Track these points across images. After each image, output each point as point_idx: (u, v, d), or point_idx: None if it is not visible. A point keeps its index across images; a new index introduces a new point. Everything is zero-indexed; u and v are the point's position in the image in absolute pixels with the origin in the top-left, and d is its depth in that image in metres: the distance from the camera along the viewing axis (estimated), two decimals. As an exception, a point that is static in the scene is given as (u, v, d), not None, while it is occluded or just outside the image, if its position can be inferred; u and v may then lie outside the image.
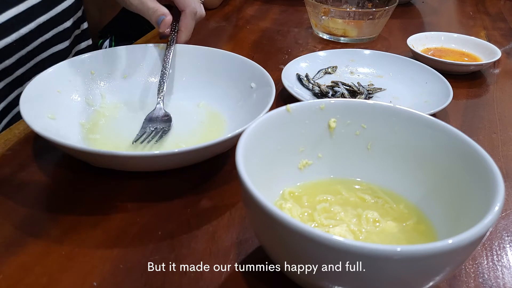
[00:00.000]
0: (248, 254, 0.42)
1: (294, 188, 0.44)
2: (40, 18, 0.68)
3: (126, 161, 0.48)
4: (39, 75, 0.58)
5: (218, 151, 0.52)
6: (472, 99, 0.74)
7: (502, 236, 0.46)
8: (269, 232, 0.34)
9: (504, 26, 1.07)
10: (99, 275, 0.40)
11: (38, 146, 0.55)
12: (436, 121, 0.41)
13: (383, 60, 0.77)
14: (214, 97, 0.64)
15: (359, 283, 0.31)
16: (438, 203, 0.41)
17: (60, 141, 0.47)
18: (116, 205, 0.48)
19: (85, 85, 0.62)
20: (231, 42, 0.94)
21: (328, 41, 0.93)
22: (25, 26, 0.66)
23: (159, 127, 0.58)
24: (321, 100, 0.44)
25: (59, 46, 0.74)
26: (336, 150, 0.45)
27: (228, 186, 0.51)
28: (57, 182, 0.51)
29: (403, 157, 0.44)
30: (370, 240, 0.39)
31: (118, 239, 0.44)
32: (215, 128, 0.60)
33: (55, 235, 0.44)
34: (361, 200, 0.43)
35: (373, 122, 0.44)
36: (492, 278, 0.41)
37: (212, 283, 0.39)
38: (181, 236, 0.44)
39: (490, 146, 0.61)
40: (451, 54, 0.86)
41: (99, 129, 0.58)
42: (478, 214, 0.32)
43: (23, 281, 0.39)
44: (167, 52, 0.66)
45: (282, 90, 0.68)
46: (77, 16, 0.77)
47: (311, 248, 0.30)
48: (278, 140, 0.43)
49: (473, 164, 0.37)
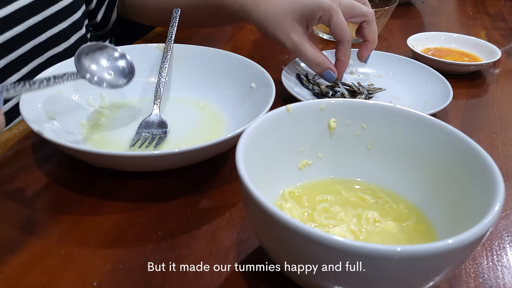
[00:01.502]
0: (248, 254, 0.42)
1: (294, 188, 0.44)
2: (30, 20, 0.65)
3: (126, 161, 0.48)
4: (39, 75, 0.58)
5: (218, 151, 0.52)
6: (472, 99, 0.74)
7: (502, 236, 0.46)
8: (269, 232, 0.34)
9: (504, 26, 1.07)
10: (99, 275, 0.40)
11: (38, 146, 0.55)
12: (436, 121, 0.41)
13: (383, 60, 0.77)
14: (214, 97, 0.64)
15: (359, 283, 0.31)
16: (438, 203, 0.41)
17: (60, 141, 0.47)
18: (116, 205, 0.48)
19: (85, 85, 0.62)
20: (231, 42, 0.94)
21: (328, 41, 0.93)
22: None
23: (155, 132, 0.57)
24: (321, 100, 0.44)
25: (56, 49, 0.71)
26: (336, 150, 0.45)
27: (228, 186, 0.51)
28: (57, 182, 0.50)
29: (403, 157, 0.44)
30: (370, 240, 0.39)
31: (118, 239, 0.44)
32: (215, 128, 0.60)
33: (55, 235, 0.44)
34: (361, 200, 0.43)
35: (373, 122, 0.44)
36: (492, 278, 0.41)
37: (212, 283, 0.39)
38: (181, 236, 0.44)
39: (490, 146, 0.61)
40: (451, 54, 0.86)
41: (99, 129, 0.58)
42: (478, 214, 0.32)
43: (23, 281, 0.39)
44: (164, 59, 0.66)
45: (282, 90, 0.68)
46: (76, 17, 0.75)
47: (311, 248, 0.30)
48: (278, 140, 0.43)
49: (473, 164, 0.37)
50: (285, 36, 0.66)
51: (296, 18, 0.65)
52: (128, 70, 0.58)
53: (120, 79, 0.57)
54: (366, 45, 0.71)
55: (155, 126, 0.58)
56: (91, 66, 0.54)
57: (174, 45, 0.68)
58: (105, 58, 0.56)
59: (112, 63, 0.57)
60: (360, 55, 0.72)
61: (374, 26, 0.70)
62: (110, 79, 0.56)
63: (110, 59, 0.57)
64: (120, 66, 0.57)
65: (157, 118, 0.59)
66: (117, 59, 0.57)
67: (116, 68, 0.57)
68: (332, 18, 0.64)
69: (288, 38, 0.66)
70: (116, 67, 0.57)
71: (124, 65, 0.57)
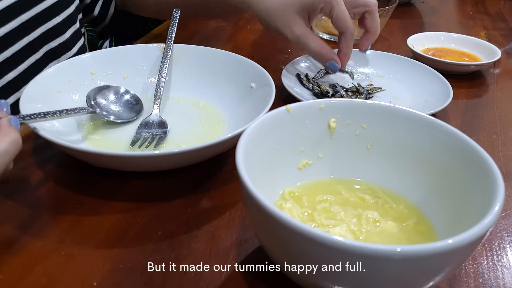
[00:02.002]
0: (248, 254, 0.42)
1: (294, 188, 0.44)
2: (22, 16, 0.64)
3: (126, 161, 0.48)
4: (39, 75, 0.58)
5: (218, 151, 0.52)
6: (472, 99, 0.74)
7: (502, 236, 0.46)
8: (269, 232, 0.34)
9: (504, 26, 1.07)
10: (99, 275, 0.40)
11: (38, 146, 0.55)
12: (436, 121, 0.41)
13: (383, 60, 0.77)
14: (214, 97, 0.64)
15: (359, 283, 0.31)
16: (438, 203, 0.41)
17: (60, 141, 0.47)
18: (116, 205, 0.48)
19: (85, 85, 0.62)
20: (231, 42, 0.94)
21: (328, 41, 0.93)
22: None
23: (155, 132, 0.57)
24: (321, 100, 0.44)
25: (51, 44, 0.70)
26: (336, 150, 0.45)
27: (228, 186, 0.51)
28: (57, 182, 0.50)
29: (403, 157, 0.44)
30: (370, 240, 0.39)
31: (118, 239, 0.44)
32: (215, 128, 0.60)
33: (55, 235, 0.44)
34: (361, 200, 0.43)
35: (373, 122, 0.44)
36: (492, 278, 0.41)
37: (212, 283, 0.39)
38: (181, 236, 0.44)
39: (490, 146, 0.61)
40: (451, 54, 0.86)
41: (99, 129, 0.58)
42: (478, 214, 0.32)
43: (23, 281, 0.39)
44: (164, 59, 0.66)
45: (282, 90, 0.68)
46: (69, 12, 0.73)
47: (311, 248, 0.30)
48: (278, 140, 0.43)
49: (473, 164, 0.37)
50: (288, 29, 0.66)
51: (297, 11, 0.65)
52: (135, 102, 0.63)
53: (129, 112, 0.61)
54: (367, 36, 0.71)
55: (155, 126, 0.58)
56: (102, 101, 0.60)
57: (174, 45, 0.68)
58: (113, 95, 0.62)
59: (119, 98, 0.62)
60: (360, 45, 0.72)
61: (376, 17, 0.69)
62: (119, 112, 0.60)
63: (117, 95, 0.62)
64: (127, 100, 0.62)
65: (157, 118, 0.59)
66: (123, 94, 0.62)
67: (124, 102, 0.62)
68: (333, 9, 0.64)
69: (291, 31, 0.66)
70: (124, 102, 0.62)
71: (130, 98, 0.62)
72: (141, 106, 0.62)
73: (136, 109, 0.62)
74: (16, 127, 0.44)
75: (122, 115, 0.60)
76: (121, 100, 0.61)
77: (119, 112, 0.60)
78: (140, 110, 0.62)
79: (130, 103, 0.62)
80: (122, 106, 0.61)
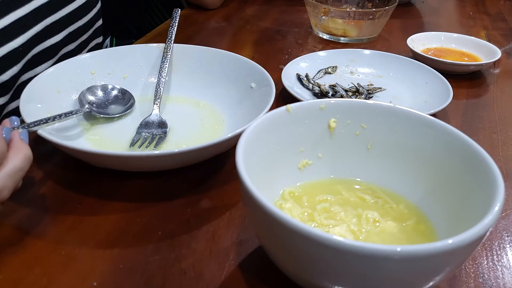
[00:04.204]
0: (248, 254, 0.42)
1: (294, 188, 0.44)
2: (47, 19, 0.66)
3: (126, 161, 0.48)
4: (39, 75, 0.58)
5: (218, 151, 0.52)
6: (472, 99, 0.74)
7: (502, 236, 0.46)
8: (269, 232, 0.34)
9: (504, 26, 1.07)
10: (99, 275, 0.40)
11: (38, 146, 0.55)
12: (436, 121, 0.41)
13: (383, 60, 0.77)
14: (214, 97, 0.64)
15: (359, 283, 0.31)
16: (438, 203, 0.41)
17: (60, 141, 0.47)
18: (116, 205, 0.48)
19: (85, 85, 0.62)
20: (231, 42, 0.94)
21: (328, 41, 0.93)
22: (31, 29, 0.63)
23: (155, 132, 0.57)
24: (321, 100, 0.44)
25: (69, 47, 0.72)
26: (336, 150, 0.45)
27: (228, 186, 0.51)
28: (57, 182, 0.50)
29: (403, 157, 0.44)
30: (370, 240, 0.39)
31: (118, 239, 0.44)
32: (215, 128, 0.60)
33: (55, 235, 0.44)
34: (361, 200, 0.43)
35: (373, 122, 0.44)
36: (492, 278, 0.41)
37: (212, 283, 0.39)
38: (181, 236, 0.44)
39: (490, 146, 0.61)
40: (451, 54, 0.86)
41: (99, 129, 0.58)
42: (478, 214, 0.32)
43: (23, 281, 0.39)
44: (164, 59, 0.66)
45: (282, 90, 0.68)
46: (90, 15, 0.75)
47: (311, 248, 0.30)
48: (278, 140, 0.43)
49: (473, 164, 0.37)
50: None
51: None
52: (122, 94, 0.64)
53: (121, 106, 0.62)
54: None
55: (155, 126, 0.58)
56: (91, 99, 0.61)
57: (174, 45, 0.68)
58: (103, 91, 0.63)
59: (108, 94, 0.63)
60: None
61: None
62: (112, 108, 0.61)
63: (106, 92, 0.63)
64: (116, 95, 0.63)
65: (157, 118, 0.59)
66: (112, 90, 0.63)
67: (114, 97, 0.63)
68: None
69: None
70: (114, 97, 0.63)
71: (118, 93, 0.63)
72: (129, 96, 0.63)
73: (126, 100, 0.63)
74: (26, 140, 0.44)
75: (115, 110, 0.61)
76: (110, 96, 0.62)
77: (113, 108, 0.62)
78: (130, 100, 0.63)
79: (119, 98, 0.63)
80: (113, 102, 0.62)
